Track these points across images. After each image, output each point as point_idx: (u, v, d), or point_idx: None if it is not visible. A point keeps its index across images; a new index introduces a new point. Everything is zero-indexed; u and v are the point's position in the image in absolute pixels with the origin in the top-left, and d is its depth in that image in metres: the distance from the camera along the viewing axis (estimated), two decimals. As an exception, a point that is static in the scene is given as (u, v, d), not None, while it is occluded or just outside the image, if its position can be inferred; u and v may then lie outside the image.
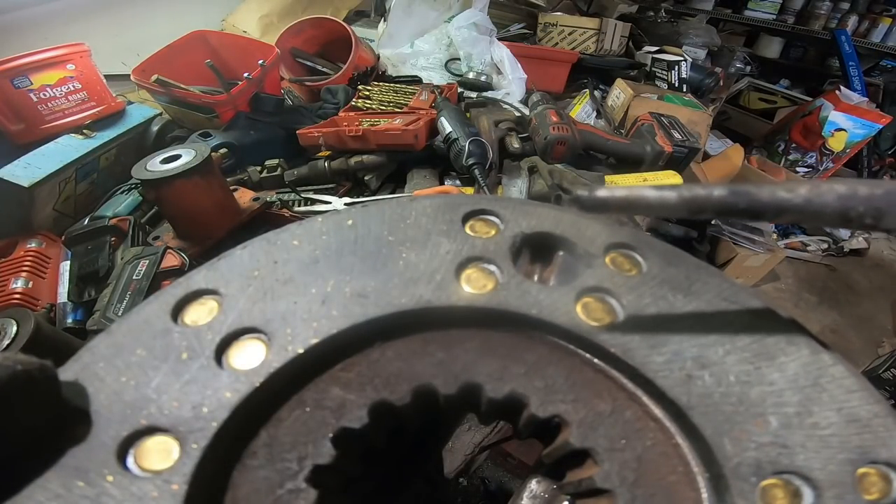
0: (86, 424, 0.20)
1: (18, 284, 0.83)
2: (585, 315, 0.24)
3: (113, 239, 0.86)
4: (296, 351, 0.23)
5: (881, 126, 2.32)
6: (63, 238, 0.90)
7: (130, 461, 0.20)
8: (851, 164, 2.79)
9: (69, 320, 0.81)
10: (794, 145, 2.57)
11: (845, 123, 2.34)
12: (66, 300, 0.83)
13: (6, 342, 0.60)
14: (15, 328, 0.61)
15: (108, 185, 1.10)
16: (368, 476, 0.27)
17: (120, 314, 0.70)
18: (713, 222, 2.26)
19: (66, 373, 0.22)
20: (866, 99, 2.45)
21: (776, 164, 2.35)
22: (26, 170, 0.93)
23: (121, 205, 1.01)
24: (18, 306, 0.80)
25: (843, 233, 2.74)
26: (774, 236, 2.49)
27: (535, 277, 0.28)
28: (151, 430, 0.20)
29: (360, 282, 0.25)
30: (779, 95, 3.01)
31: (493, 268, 0.26)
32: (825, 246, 2.73)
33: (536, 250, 0.28)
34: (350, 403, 0.23)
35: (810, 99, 2.66)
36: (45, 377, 0.19)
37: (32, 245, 0.91)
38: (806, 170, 2.55)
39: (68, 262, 0.87)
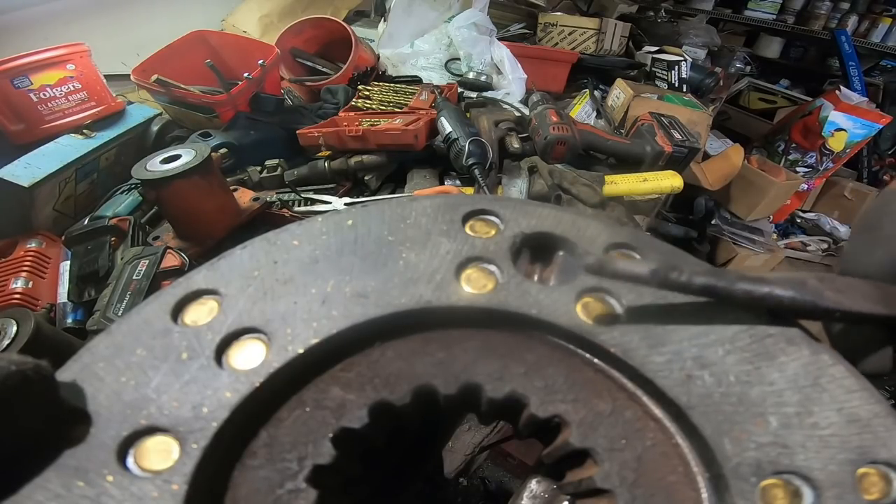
0: (85, 424, 0.20)
1: (18, 284, 0.83)
2: (585, 315, 0.24)
3: (113, 239, 0.86)
4: (296, 351, 0.23)
5: (881, 126, 2.32)
6: (63, 238, 0.90)
7: (130, 461, 0.20)
8: (851, 164, 2.79)
9: (69, 320, 0.81)
10: (794, 145, 2.57)
11: (845, 123, 2.34)
12: (66, 300, 0.83)
13: (6, 342, 0.60)
14: (15, 328, 0.61)
15: (108, 185, 1.10)
16: (368, 476, 0.27)
17: (120, 314, 0.70)
18: (713, 222, 2.26)
19: (66, 373, 0.22)
20: (866, 99, 2.45)
21: (776, 164, 2.34)
22: (26, 170, 0.93)
23: (121, 205, 1.01)
24: (18, 306, 0.80)
25: (844, 233, 2.74)
26: (774, 236, 2.49)
27: (535, 277, 0.28)
28: (151, 430, 0.20)
29: (360, 282, 0.25)
30: (779, 95, 3.01)
31: (493, 268, 0.26)
32: (825, 246, 2.73)
33: (536, 250, 0.28)
34: (350, 403, 0.23)
35: (810, 99, 2.66)
36: (41, 377, 0.19)
37: (32, 245, 0.91)
38: (806, 170, 2.54)
39: (68, 262, 0.87)
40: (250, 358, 0.23)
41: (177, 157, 0.82)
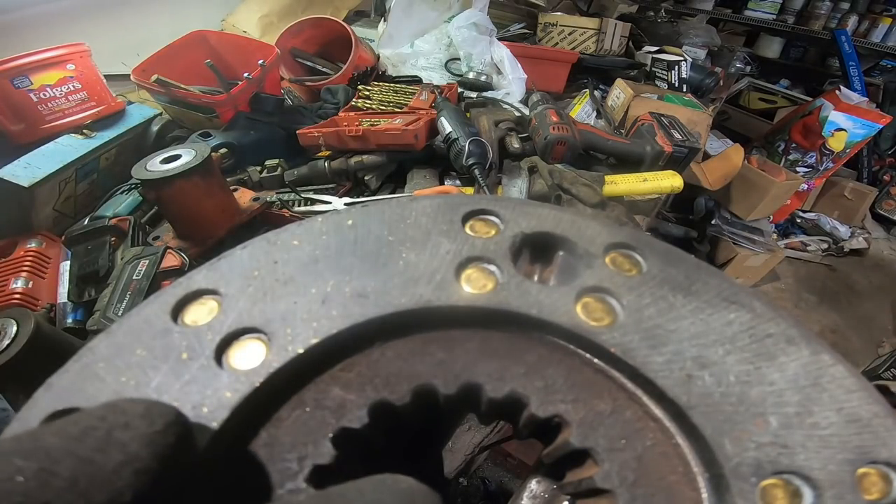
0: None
1: (18, 284, 0.83)
2: (585, 315, 0.24)
3: (113, 239, 0.86)
4: (296, 351, 0.23)
5: (881, 126, 2.32)
6: (63, 238, 0.90)
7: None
8: (851, 164, 2.79)
9: (69, 320, 0.81)
10: (794, 145, 2.57)
11: (845, 123, 2.34)
12: (66, 300, 0.83)
13: (6, 342, 0.60)
14: (15, 328, 0.61)
15: (108, 185, 1.10)
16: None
17: (120, 314, 0.70)
18: (713, 222, 2.26)
19: (66, 373, 0.22)
20: (866, 99, 2.45)
21: (776, 164, 2.35)
22: (26, 170, 0.93)
23: (121, 205, 1.01)
24: (18, 306, 0.80)
25: (844, 232, 2.74)
26: (774, 236, 2.50)
27: (535, 277, 0.28)
28: None
29: (360, 282, 0.25)
30: (779, 95, 3.01)
31: (493, 268, 0.26)
32: (825, 246, 2.73)
33: (536, 250, 0.28)
34: (350, 403, 0.23)
35: (810, 99, 2.66)
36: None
37: (32, 245, 0.91)
38: (806, 169, 2.55)
39: (68, 262, 0.87)
40: (250, 358, 0.23)
41: (177, 157, 0.82)
